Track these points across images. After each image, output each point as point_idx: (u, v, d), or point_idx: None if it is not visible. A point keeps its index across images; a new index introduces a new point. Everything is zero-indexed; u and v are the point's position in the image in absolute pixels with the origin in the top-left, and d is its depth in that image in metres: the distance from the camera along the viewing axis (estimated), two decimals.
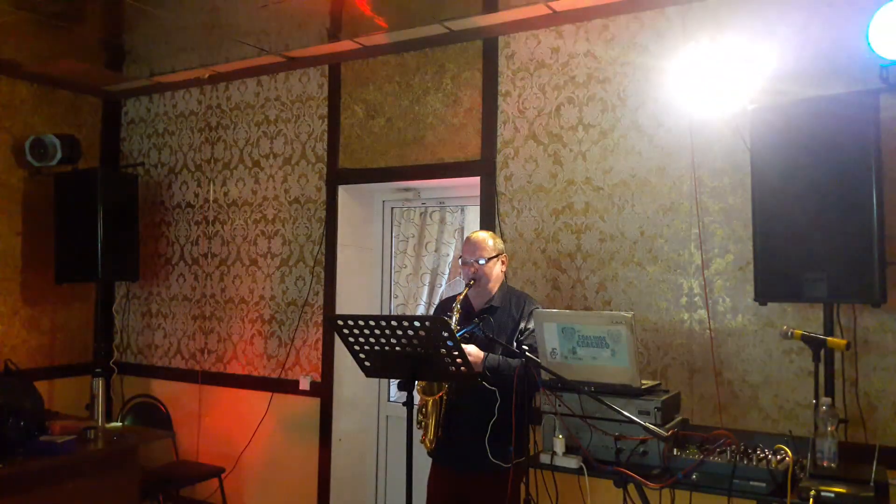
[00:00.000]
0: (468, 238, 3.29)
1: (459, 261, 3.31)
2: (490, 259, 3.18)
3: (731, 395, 3.36)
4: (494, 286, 3.23)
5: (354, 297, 4.71)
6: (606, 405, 2.58)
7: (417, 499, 2.82)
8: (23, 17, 4.01)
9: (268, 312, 4.88)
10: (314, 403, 4.63)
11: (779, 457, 2.47)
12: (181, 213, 5.36)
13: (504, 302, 3.22)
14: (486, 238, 3.24)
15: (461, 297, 3.15)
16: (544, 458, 2.74)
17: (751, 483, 2.40)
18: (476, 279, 3.16)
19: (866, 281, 2.73)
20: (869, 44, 2.91)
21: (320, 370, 4.62)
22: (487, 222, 4.03)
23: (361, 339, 2.71)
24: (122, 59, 4.92)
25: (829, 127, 2.80)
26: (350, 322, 2.69)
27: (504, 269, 3.31)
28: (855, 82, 3.00)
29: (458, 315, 3.09)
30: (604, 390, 2.68)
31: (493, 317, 3.16)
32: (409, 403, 2.68)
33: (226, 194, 5.14)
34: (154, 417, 4.98)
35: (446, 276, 4.92)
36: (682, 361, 3.48)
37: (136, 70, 5.09)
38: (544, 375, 2.75)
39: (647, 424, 2.51)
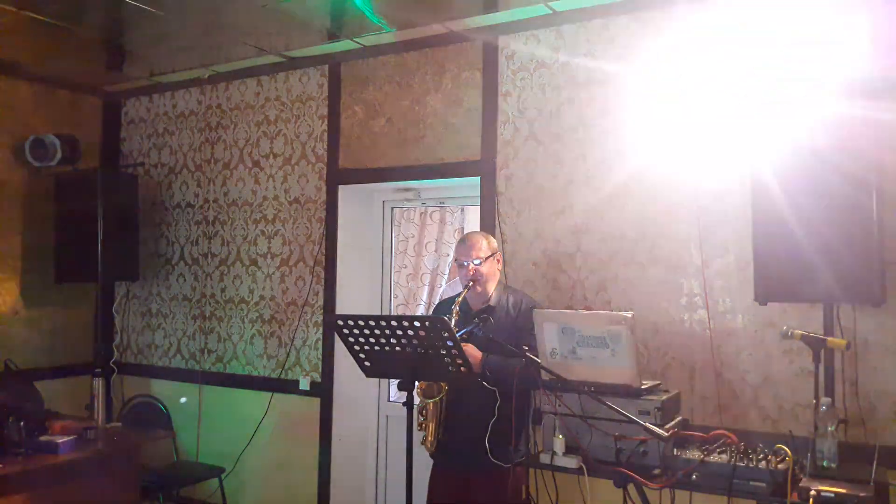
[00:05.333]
0: (462, 239, 3.29)
1: (455, 262, 3.31)
2: (486, 259, 3.18)
3: (731, 395, 3.36)
4: (491, 286, 3.23)
5: (354, 297, 4.71)
6: (606, 405, 2.58)
7: (417, 499, 2.82)
8: (23, 17, 4.02)
9: (268, 312, 4.88)
10: (314, 403, 4.62)
11: (779, 457, 2.47)
12: (181, 213, 5.36)
13: (501, 301, 3.22)
14: (481, 238, 3.24)
15: (461, 298, 3.15)
16: (544, 458, 2.75)
17: (751, 483, 2.40)
18: (475, 280, 3.16)
19: (866, 281, 2.73)
20: (868, 44, 2.91)
21: (320, 370, 4.62)
22: (487, 222, 4.02)
23: (361, 340, 2.71)
24: (122, 59, 4.92)
25: (829, 126, 2.80)
26: (350, 322, 2.69)
27: (500, 268, 3.31)
28: (854, 82, 3.00)
29: (457, 317, 3.09)
30: (604, 390, 2.68)
31: (492, 316, 3.16)
32: (409, 403, 2.68)
33: (226, 194, 5.14)
34: (154, 417, 4.99)
35: (446, 276, 4.92)
36: (682, 361, 3.48)
37: (136, 70, 5.09)
38: (544, 375, 2.75)
39: (647, 424, 2.51)
